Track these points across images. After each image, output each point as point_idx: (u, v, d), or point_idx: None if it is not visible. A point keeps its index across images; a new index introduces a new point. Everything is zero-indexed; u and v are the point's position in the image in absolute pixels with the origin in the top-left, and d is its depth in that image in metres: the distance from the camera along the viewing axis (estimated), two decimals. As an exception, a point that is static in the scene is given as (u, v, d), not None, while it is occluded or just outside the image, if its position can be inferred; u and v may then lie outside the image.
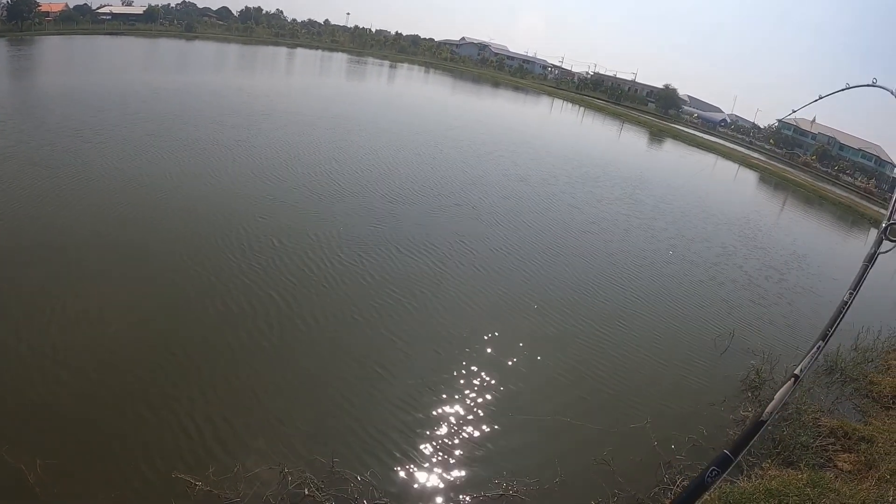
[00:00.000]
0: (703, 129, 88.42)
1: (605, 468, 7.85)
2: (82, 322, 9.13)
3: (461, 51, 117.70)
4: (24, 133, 18.93)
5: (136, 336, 9.01)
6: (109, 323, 9.22)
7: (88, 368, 8.10)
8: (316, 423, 7.78)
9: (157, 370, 8.29)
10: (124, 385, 7.90)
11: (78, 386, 7.77)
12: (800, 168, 68.93)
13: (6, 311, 9.10)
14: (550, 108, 71.36)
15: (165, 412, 7.52)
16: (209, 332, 9.47)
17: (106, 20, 79.91)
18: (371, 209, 16.65)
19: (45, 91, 28.44)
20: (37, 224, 12.34)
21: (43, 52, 46.28)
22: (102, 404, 7.52)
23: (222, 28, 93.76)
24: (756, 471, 8.28)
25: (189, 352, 8.84)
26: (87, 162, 16.69)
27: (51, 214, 12.84)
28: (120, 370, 8.18)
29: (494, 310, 12.13)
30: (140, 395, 7.74)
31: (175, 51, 62.49)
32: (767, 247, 22.96)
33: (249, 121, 26.05)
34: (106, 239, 12.14)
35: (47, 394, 7.53)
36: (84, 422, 7.17)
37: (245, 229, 13.46)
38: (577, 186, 25.84)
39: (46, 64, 41.38)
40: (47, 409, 7.27)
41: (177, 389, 7.95)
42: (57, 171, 15.55)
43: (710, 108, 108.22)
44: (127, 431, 7.12)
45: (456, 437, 7.98)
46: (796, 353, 12.90)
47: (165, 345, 8.91)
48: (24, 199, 13.39)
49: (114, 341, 8.77)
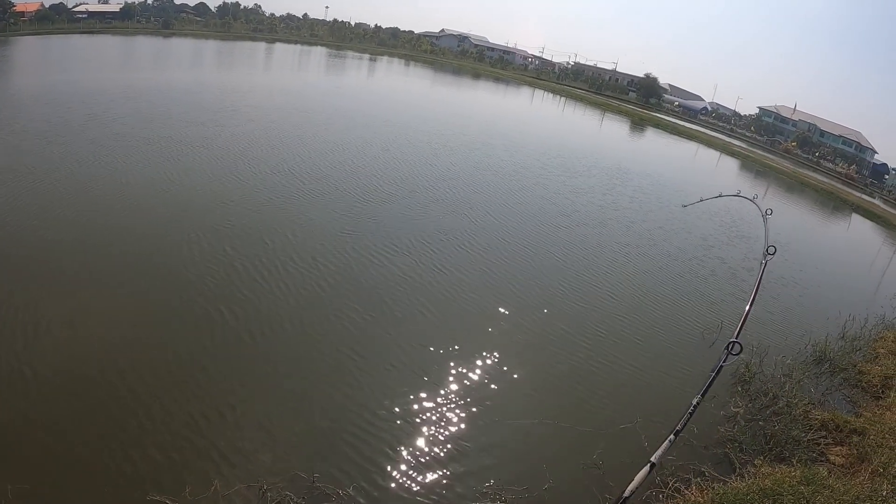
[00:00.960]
0: (685, 117, 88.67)
1: (595, 472, 7.66)
2: (48, 336, 8.75)
3: (441, 43, 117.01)
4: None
5: (106, 353, 8.57)
6: (77, 339, 8.82)
7: (58, 388, 7.72)
8: (295, 438, 7.47)
9: (128, 389, 7.90)
10: (95, 406, 7.53)
11: (47, 409, 7.37)
12: (781, 155, 69.30)
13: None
14: (531, 99, 71.09)
15: (138, 432, 7.17)
16: (180, 346, 9.04)
17: (82, 19, 78.50)
18: (343, 207, 16.30)
19: (12, 93, 27.63)
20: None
21: (15, 53, 45.18)
22: (74, 426, 7.14)
23: (200, 24, 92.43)
24: (749, 468, 8.14)
25: (160, 368, 8.42)
26: (50, 166, 16.15)
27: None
28: (90, 390, 7.80)
29: (473, 315, 11.69)
30: (112, 416, 7.38)
31: (151, 48, 61.36)
32: (749, 236, 22.79)
33: (216, 118, 25.38)
34: (59, 246, 11.66)
35: (15, 417, 7.17)
36: (56, 445, 6.82)
37: (203, 234, 13.08)
38: (557, 178, 25.59)
39: (18, 65, 40.40)
40: (16, 433, 6.92)
41: (150, 408, 7.58)
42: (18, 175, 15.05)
43: (691, 96, 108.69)
44: (100, 453, 6.78)
45: (440, 448, 7.71)
46: (785, 344, 12.87)
47: (136, 362, 8.48)
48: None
49: (83, 358, 8.37)
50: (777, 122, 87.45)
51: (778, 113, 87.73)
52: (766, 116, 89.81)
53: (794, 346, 12.90)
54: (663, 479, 7.62)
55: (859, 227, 38.19)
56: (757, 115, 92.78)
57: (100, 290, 10.15)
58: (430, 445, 7.73)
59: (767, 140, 79.89)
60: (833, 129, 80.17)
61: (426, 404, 8.54)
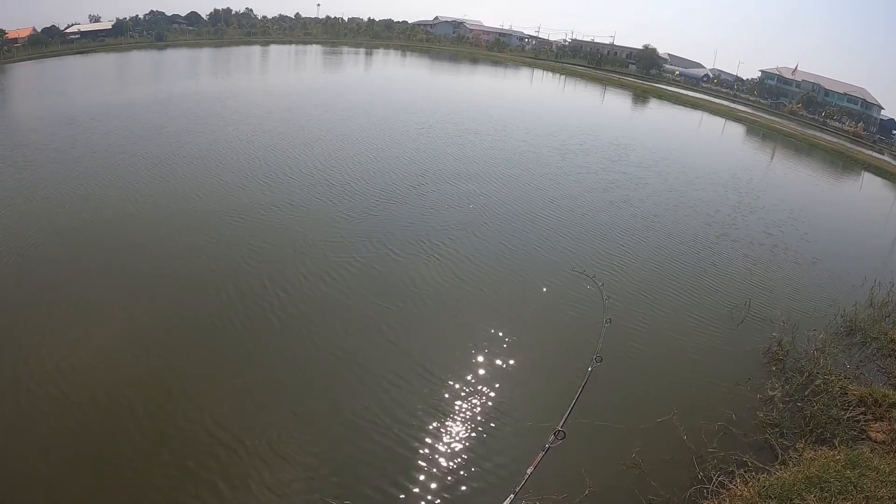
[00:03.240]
0: (687, 85, 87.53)
1: (636, 472, 7.46)
2: (66, 357, 8.66)
3: (436, 30, 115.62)
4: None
5: (125, 373, 8.55)
6: (90, 358, 8.77)
7: (73, 410, 7.68)
8: (325, 464, 7.29)
9: (149, 409, 7.84)
10: (115, 427, 7.48)
11: (62, 431, 7.37)
12: (786, 117, 68.25)
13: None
14: (531, 80, 70.32)
15: (163, 458, 7.08)
16: (198, 364, 8.99)
17: (75, 39, 78.34)
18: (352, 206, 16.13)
19: (15, 122, 27.59)
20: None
21: (12, 82, 45.15)
22: (93, 448, 7.13)
23: (193, 33, 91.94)
24: (791, 454, 7.94)
25: (180, 387, 8.37)
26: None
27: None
28: (108, 411, 7.75)
29: (499, 312, 11.55)
30: (134, 439, 7.33)
31: (145, 62, 61.23)
32: (766, 207, 22.36)
33: (218, 125, 25.25)
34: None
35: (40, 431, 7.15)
36: (73, 464, 6.84)
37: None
38: (579, 157, 25.22)
39: (17, 94, 40.33)
40: (37, 451, 6.93)
41: (171, 430, 7.52)
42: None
43: (691, 64, 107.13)
44: (120, 478, 6.73)
45: (471, 460, 7.53)
46: (815, 317, 12.60)
47: (157, 380, 8.45)
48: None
49: (102, 378, 8.34)
50: (780, 85, 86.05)
51: (780, 75, 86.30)
52: (769, 79, 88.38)
53: (824, 318, 12.61)
54: (706, 473, 7.43)
55: (871, 185, 37.47)
56: (759, 78, 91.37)
57: (113, 313, 10.08)
58: (459, 458, 7.53)
59: (772, 103, 78.56)
60: (837, 88, 78.78)
61: (455, 415, 8.36)
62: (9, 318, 9.80)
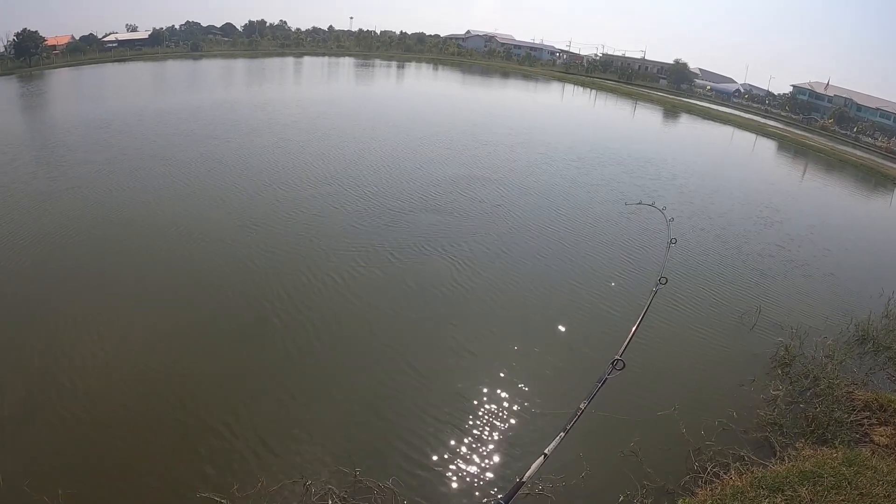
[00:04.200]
0: (718, 101, 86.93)
1: (633, 459, 7.71)
2: (101, 352, 9.25)
3: (468, 44, 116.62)
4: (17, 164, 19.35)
5: (156, 359, 9.12)
6: (128, 347, 9.37)
7: (105, 397, 8.21)
8: (338, 434, 7.80)
9: (177, 393, 8.37)
10: (145, 410, 8.01)
11: (98, 414, 7.87)
12: (818, 133, 67.36)
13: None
14: (562, 95, 70.60)
15: (188, 434, 7.60)
16: (226, 350, 9.58)
17: (112, 48, 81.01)
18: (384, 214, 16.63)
19: (51, 124, 28.95)
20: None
21: (49, 86, 47.05)
22: (124, 430, 7.61)
23: (228, 44, 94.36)
24: (790, 451, 8.08)
25: (207, 371, 8.94)
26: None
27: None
28: (139, 395, 8.29)
29: (513, 306, 12.03)
30: (163, 419, 7.85)
31: (181, 71, 63.11)
32: (786, 220, 22.27)
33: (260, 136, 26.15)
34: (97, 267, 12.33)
35: (69, 425, 7.64)
36: (106, 449, 7.27)
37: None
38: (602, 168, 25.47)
39: (53, 98, 42.06)
40: (69, 441, 7.38)
41: (198, 411, 8.03)
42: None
43: (722, 79, 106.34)
44: (150, 455, 7.20)
45: (477, 440, 7.93)
46: (826, 325, 12.63)
47: (185, 367, 9.00)
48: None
49: (132, 367, 8.89)
50: (812, 100, 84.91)
51: (812, 90, 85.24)
52: (801, 94, 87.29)
53: (836, 326, 12.65)
54: (702, 464, 7.65)
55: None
56: (791, 93, 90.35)
57: (149, 307, 10.76)
58: (468, 437, 7.95)
59: (803, 118, 77.66)
60: (870, 103, 77.47)
61: (464, 398, 8.76)
62: (24, 318, 10.39)
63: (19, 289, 11.20)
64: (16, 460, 6.96)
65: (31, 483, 6.55)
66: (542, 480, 7.07)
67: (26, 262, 12.34)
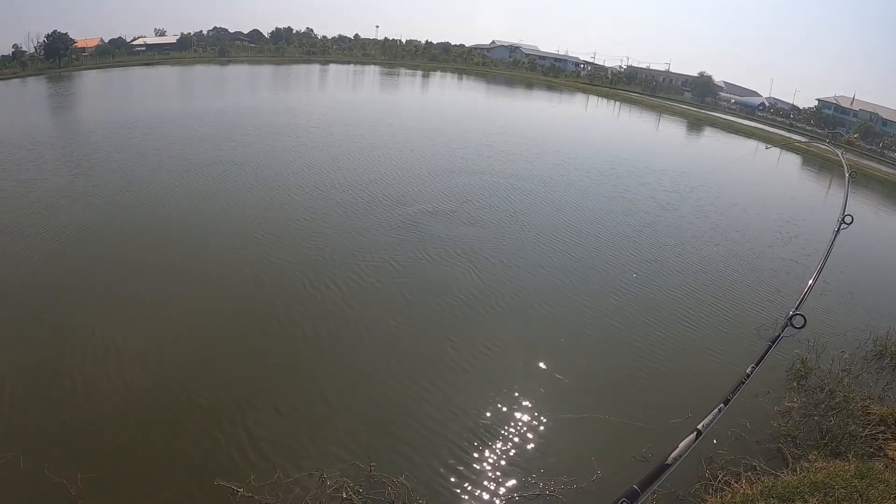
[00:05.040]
0: (742, 114, 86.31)
1: (645, 465, 7.76)
2: (124, 339, 9.56)
3: (492, 54, 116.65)
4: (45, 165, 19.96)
5: (177, 347, 9.47)
6: (149, 336, 9.70)
7: (128, 381, 8.51)
8: (354, 428, 7.99)
9: (198, 381, 8.67)
10: (165, 396, 8.30)
11: (118, 399, 8.16)
12: (843, 148, 66.48)
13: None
14: (586, 106, 70.59)
15: (207, 423, 7.84)
16: (250, 341, 9.90)
17: (141, 51, 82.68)
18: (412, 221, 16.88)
19: (84, 124, 29.83)
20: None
21: (78, 88, 48.34)
22: (143, 416, 7.88)
23: (254, 50, 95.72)
24: (802, 463, 8.09)
25: (229, 362, 9.24)
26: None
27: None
28: (159, 381, 8.58)
29: (530, 311, 12.18)
30: (183, 406, 8.12)
31: (208, 76, 64.21)
32: (805, 234, 22.11)
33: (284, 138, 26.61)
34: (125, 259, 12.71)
35: (88, 409, 7.94)
36: (125, 435, 7.53)
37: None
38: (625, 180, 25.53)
39: (81, 99, 43.22)
40: (89, 425, 7.64)
41: (218, 401, 8.27)
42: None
43: (747, 92, 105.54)
44: (169, 442, 7.46)
45: (491, 439, 8.07)
46: (844, 340, 12.56)
47: (207, 355, 9.33)
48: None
49: (153, 353, 9.21)
50: (837, 114, 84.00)
51: (837, 104, 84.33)
52: (826, 108, 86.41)
53: (854, 341, 12.57)
54: (713, 472, 7.69)
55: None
56: (816, 107, 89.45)
57: (177, 297, 11.08)
58: (481, 437, 8.08)
59: (828, 133, 76.79)
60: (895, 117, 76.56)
61: (477, 399, 8.92)
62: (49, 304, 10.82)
63: (37, 278, 11.70)
64: (36, 443, 7.23)
65: (51, 466, 6.79)
66: (553, 481, 7.20)
67: (53, 247, 13.04)
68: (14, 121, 30.23)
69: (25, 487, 6.60)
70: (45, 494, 6.49)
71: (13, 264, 12.29)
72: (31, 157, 21.23)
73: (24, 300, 10.90)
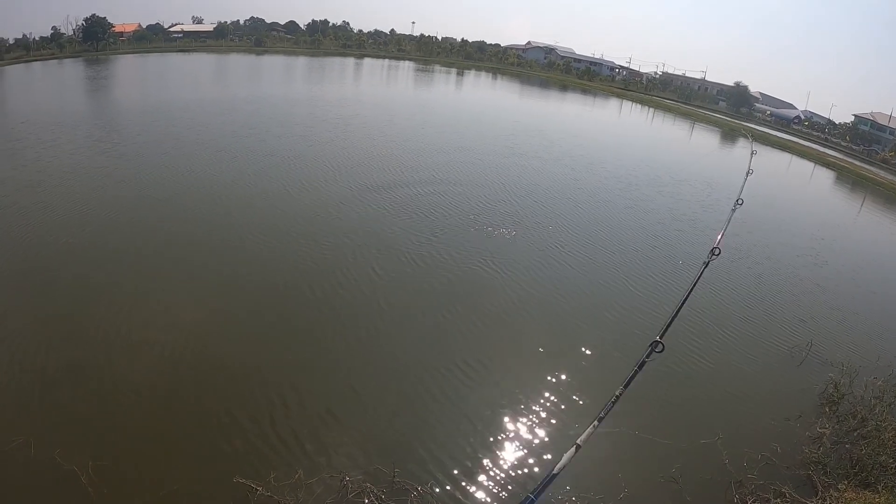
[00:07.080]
0: (777, 126, 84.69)
1: (673, 486, 7.63)
2: (147, 328, 9.70)
3: (528, 55, 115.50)
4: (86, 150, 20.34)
5: (202, 343, 9.48)
6: (175, 327, 9.80)
7: (147, 375, 8.56)
8: (379, 434, 7.93)
9: (220, 378, 8.68)
10: (186, 393, 8.33)
11: (138, 392, 8.21)
12: (878, 165, 64.96)
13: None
14: (619, 111, 69.86)
15: (227, 420, 7.84)
16: (277, 335, 9.96)
17: (177, 38, 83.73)
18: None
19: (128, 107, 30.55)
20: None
21: (114, 71, 49.25)
22: (159, 407, 7.93)
23: (290, 42, 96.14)
24: (832, 492, 7.88)
25: (252, 361, 9.19)
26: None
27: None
28: (181, 376, 8.64)
29: (561, 323, 12.06)
30: (201, 400, 8.16)
31: (243, 65, 64.79)
32: (839, 252, 21.55)
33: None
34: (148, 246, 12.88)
35: (104, 397, 8.03)
36: (139, 425, 7.58)
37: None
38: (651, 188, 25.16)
39: (117, 83, 44.12)
40: (103, 413, 7.72)
41: (240, 399, 8.28)
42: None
43: (783, 104, 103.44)
44: (186, 435, 7.51)
45: (517, 452, 7.99)
46: (877, 364, 12.22)
47: (230, 352, 9.32)
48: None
49: (177, 347, 9.27)
50: (874, 130, 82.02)
51: (874, 120, 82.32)
52: (862, 124, 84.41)
53: (888, 367, 12.22)
54: (742, 497, 7.53)
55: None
56: (852, 123, 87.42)
57: (202, 291, 11.24)
58: (506, 450, 8.00)
59: (864, 149, 75.04)
60: (934, 136, 74.56)
61: (505, 410, 8.82)
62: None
63: (51, 263, 11.97)
64: (47, 428, 7.31)
65: (62, 452, 6.84)
66: (580, 497, 7.08)
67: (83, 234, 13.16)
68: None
69: (36, 473, 6.64)
70: (56, 479, 6.53)
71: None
72: (66, 136, 21.81)
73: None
